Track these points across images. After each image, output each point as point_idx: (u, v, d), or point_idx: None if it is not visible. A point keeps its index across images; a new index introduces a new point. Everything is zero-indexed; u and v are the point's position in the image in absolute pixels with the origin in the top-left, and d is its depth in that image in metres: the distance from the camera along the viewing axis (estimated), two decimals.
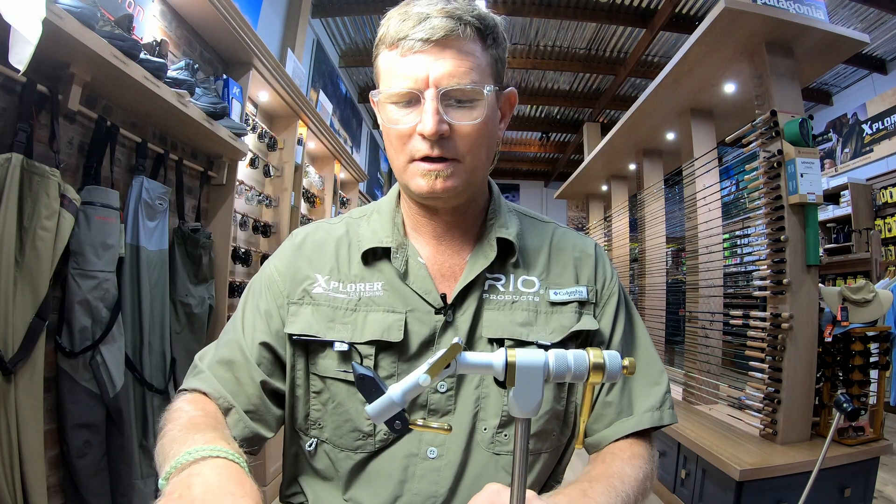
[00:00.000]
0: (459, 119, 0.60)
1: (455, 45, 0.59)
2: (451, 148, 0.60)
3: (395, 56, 0.60)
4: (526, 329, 0.66)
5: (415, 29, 0.58)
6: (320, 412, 0.67)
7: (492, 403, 0.65)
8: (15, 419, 1.28)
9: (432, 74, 0.58)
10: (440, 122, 0.58)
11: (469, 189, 0.66)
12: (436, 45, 0.58)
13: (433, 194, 0.62)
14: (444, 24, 0.58)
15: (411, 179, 0.63)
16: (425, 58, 0.58)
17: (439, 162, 0.61)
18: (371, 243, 0.69)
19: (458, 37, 0.59)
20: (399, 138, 0.62)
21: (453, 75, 0.58)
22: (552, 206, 9.87)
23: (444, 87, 0.58)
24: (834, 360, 1.99)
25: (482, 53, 0.62)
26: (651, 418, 0.68)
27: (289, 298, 0.69)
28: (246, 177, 2.82)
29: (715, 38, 2.13)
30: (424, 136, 0.59)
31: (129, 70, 1.53)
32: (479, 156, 0.64)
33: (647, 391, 0.70)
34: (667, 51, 5.32)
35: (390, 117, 0.62)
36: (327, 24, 5.02)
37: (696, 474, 2.07)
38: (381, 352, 0.65)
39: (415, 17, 0.59)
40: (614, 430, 0.68)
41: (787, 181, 1.95)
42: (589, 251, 0.75)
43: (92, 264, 1.55)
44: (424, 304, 0.66)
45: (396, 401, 0.46)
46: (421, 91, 0.58)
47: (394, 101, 0.61)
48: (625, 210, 4.21)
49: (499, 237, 0.69)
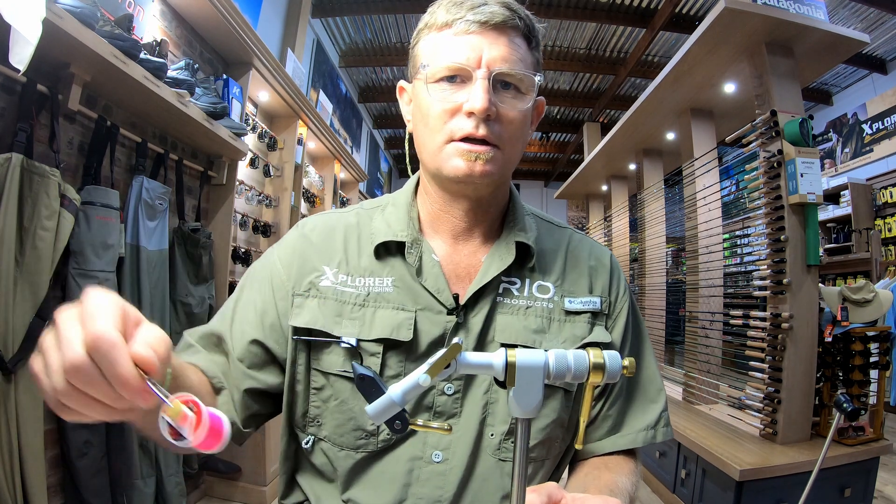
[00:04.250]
0: (507, 104, 0.60)
1: (509, 34, 0.60)
2: (494, 132, 0.60)
3: (446, 35, 0.60)
4: (539, 336, 0.65)
5: (471, 12, 0.59)
6: (320, 409, 0.66)
7: (500, 409, 0.64)
8: (15, 419, 1.28)
9: (486, 55, 0.58)
10: (490, 101, 0.58)
11: (501, 180, 0.65)
12: (492, 29, 0.59)
13: (470, 177, 0.60)
14: (502, 12, 0.59)
15: (447, 161, 0.61)
16: (480, 39, 0.59)
17: (482, 144, 0.60)
18: (385, 236, 0.67)
19: (515, 26, 0.60)
20: (440, 116, 0.60)
21: (506, 60, 0.59)
22: (552, 206, 9.86)
23: (496, 69, 0.58)
24: (834, 360, 1.99)
25: (528, 52, 0.62)
26: (644, 437, 0.69)
27: (294, 290, 0.67)
28: (246, 177, 2.82)
29: (715, 38, 2.13)
30: (473, 113, 0.58)
31: (129, 70, 1.53)
32: (516, 148, 0.63)
33: (645, 409, 0.71)
34: (667, 51, 5.32)
35: (434, 94, 0.60)
36: (327, 24, 5.01)
37: (696, 474, 2.07)
38: (389, 350, 0.63)
39: (471, 2, 0.60)
40: (607, 445, 0.69)
41: (787, 181, 1.95)
42: (605, 261, 0.74)
43: (92, 264, 1.55)
44: (436, 304, 0.64)
45: (396, 401, 0.46)
46: (473, 69, 0.58)
47: (440, 77, 0.60)
48: (625, 210, 4.21)
49: (518, 241, 0.67)
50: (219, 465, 2.28)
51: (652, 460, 2.56)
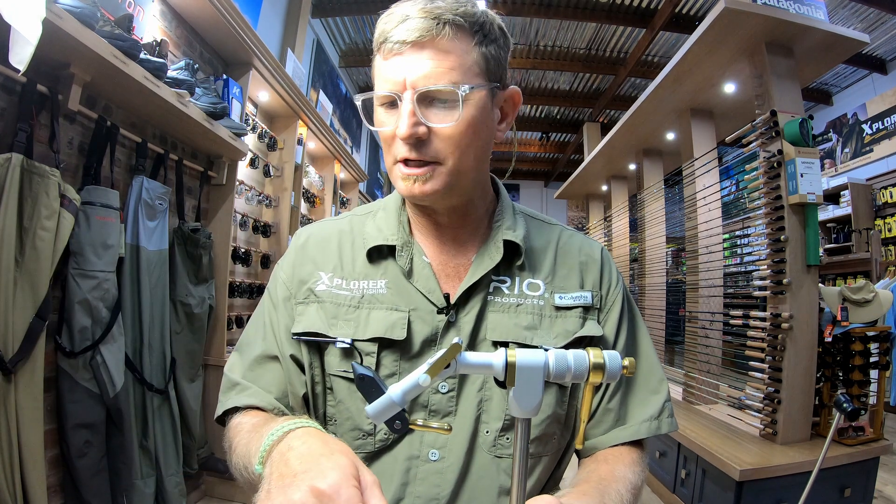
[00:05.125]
0: (438, 121, 0.59)
1: (433, 45, 0.58)
2: (429, 150, 0.60)
3: (379, 59, 0.61)
4: (530, 333, 0.66)
5: (395, 30, 0.58)
6: (334, 409, 0.68)
7: (495, 406, 0.65)
8: (15, 419, 1.28)
9: (409, 77, 0.58)
10: (415, 125, 0.58)
11: (456, 191, 0.64)
12: (413, 46, 0.58)
13: (413, 198, 0.63)
14: (420, 25, 0.57)
15: (396, 182, 0.64)
16: (403, 59, 0.58)
17: (417, 167, 0.60)
18: (376, 241, 0.69)
19: (434, 37, 0.57)
20: (385, 141, 0.63)
21: (430, 76, 0.57)
22: (552, 206, 9.86)
23: (420, 89, 0.57)
24: (834, 360, 1.99)
25: (468, 52, 0.60)
26: (648, 428, 0.69)
27: (296, 299, 0.70)
28: (246, 177, 2.82)
29: (715, 38, 2.13)
30: (401, 139, 0.59)
31: (129, 70, 1.53)
32: (465, 158, 0.62)
33: (646, 400, 0.71)
34: (667, 51, 5.32)
35: (377, 119, 0.62)
36: (327, 24, 5.02)
37: (696, 474, 2.07)
38: (384, 350, 0.65)
39: (397, 18, 0.59)
40: (611, 438, 0.69)
41: (787, 181, 1.95)
42: (595, 256, 0.74)
43: (92, 264, 1.55)
44: (428, 304, 0.66)
45: (396, 401, 0.46)
46: (399, 94, 0.58)
47: (379, 104, 0.62)
48: (625, 210, 4.21)
49: (505, 239, 0.69)
50: (219, 465, 2.28)
51: (652, 460, 2.56)
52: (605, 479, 0.59)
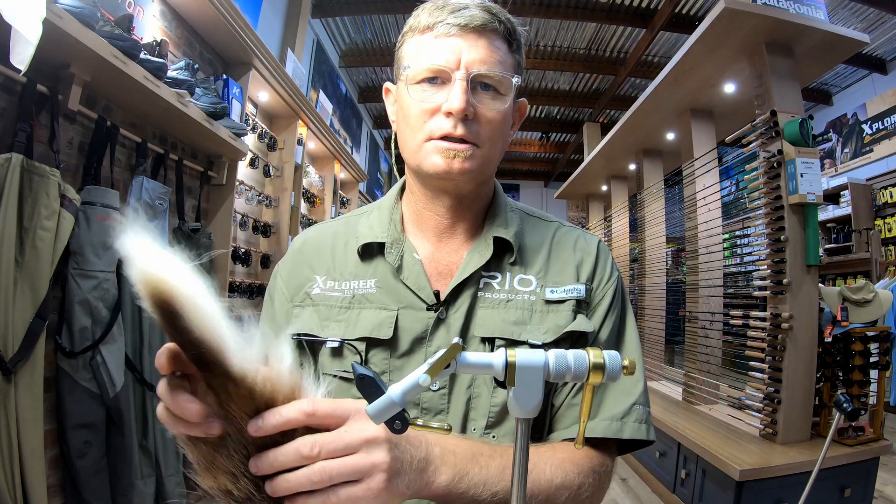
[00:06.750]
0: (485, 105, 0.62)
1: (489, 37, 0.62)
2: (473, 131, 0.62)
3: (427, 38, 0.63)
4: (518, 328, 0.65)
5: (452, 15, 0.61)
6: None
7: (481, 404, 0.65)
8: (15, 419, 1.28)
9: (465, 57, 0.60)
10: (468, 102, 0.60)
11: (481, 177, 0.67)
12: (472, 32, 0.61)
13: (449, 174, 0.63)
14: (482, 15, 0.61)
15: (426, 158, 0.63)
16: (459, 41, 0.61)
17: (460, 143, 0.62)
18: (367, 238, 0.70)
19: (494, 30, 0.62)
20: (420, 116, 0.63)
21: (485, 62, 0.61)
22: (552, 206, 9.86)
23: (475, 70, 0.60)
24: (834, 360, 1.99)
25: (508, 54, 0.64)
26: (605, 428, 0.63)
27: (292, 303, 0.71)
28: (246, 177, 2.82)
29: (715, 38, 2.13)
30: (451, 113, 0.60)
31: (129, 70, 1.53)
32: (495, 146, 0.65)
33: (615, 399, 0.66)
34: (667, 51, 5.32)
35: (414, 95, 0.63)
36: (327, 24, 5.02)
37: (696, 474, 2.07)
38: (372, 348, 0.65)
39: (452, 6, 0.62)
40: (565, 433, 0.64)
41: (787, 181, 1.95)
42: (590, 249, 0.74)
43: (92, 264, 1.55)
44: (417, 301, 0.66)
45: (396, 401, 0.46)
46: (452, 70, 0.60)
47: (421, 79, 0.63)
48: (625, 210, 4.21)
49: (496, 236, 0.69)
50: None
51: (652, 460, 2.56)
52: (498, 452, 0.55)
